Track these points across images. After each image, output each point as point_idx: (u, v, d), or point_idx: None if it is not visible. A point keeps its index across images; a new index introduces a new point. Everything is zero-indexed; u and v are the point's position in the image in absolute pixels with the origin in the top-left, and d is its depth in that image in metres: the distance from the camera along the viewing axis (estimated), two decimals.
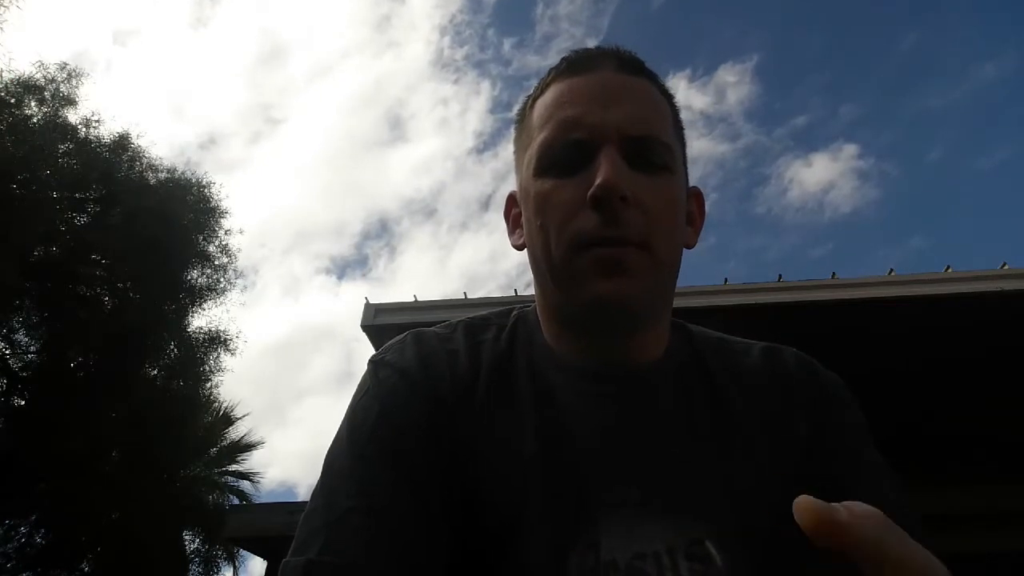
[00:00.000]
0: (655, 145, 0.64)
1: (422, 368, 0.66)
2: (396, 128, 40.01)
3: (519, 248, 0.73)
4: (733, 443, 0.63)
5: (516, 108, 0.76)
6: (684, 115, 0.73)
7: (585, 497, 0.59)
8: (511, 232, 0.75)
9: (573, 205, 0.62)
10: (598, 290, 0.61)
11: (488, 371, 0.67)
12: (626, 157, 0.62)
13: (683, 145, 0.72)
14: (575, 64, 0.68)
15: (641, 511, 0.59)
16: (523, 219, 0.70)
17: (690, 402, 0.66)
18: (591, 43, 0.73)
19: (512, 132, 0.76)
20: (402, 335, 0.71)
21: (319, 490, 0.59)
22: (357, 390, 0.67)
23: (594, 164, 0.61)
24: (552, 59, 0.73)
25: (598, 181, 0.59)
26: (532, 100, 0.71)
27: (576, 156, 0.63)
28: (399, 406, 0.63)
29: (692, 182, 0.73)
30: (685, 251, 0.70)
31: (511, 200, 0.76)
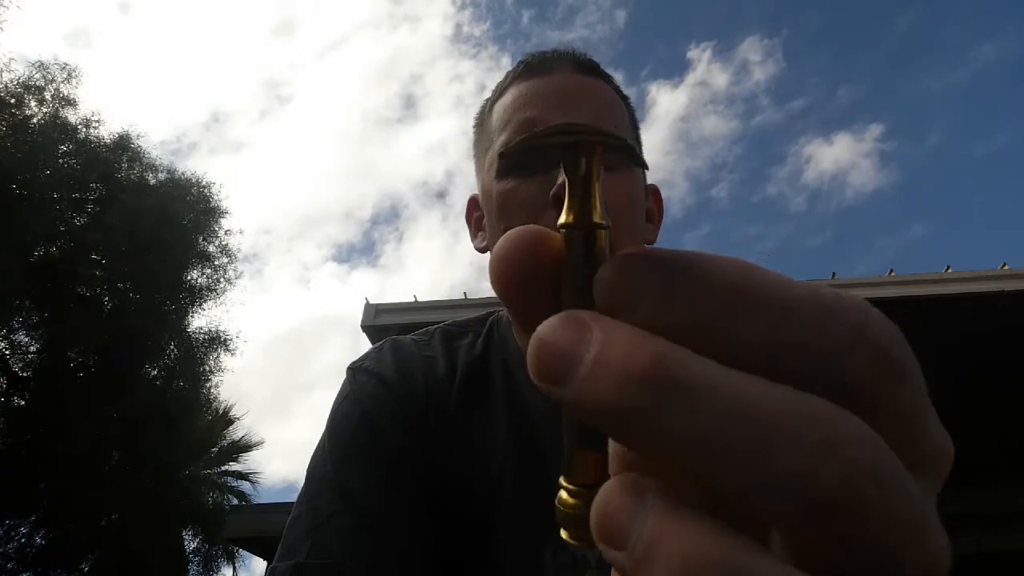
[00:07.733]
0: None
1: (400, 374, 0.67)
2: (410, 107, 39.46)
3: (483, 251, 0.73)
4: None
5: (475, 113, 0.77)
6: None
7: (556, 493, 0.59)
8: (473, 236, 0.76)
9: (536, 205, 0.62)
10: None
11: (463, 376, 0.68)
12: None
13: (639, 144, 0.73)
14: (532, 67, 0.69)
15: None
16: (485, 222, 0.71)
17: None
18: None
19: (472, 135, 0.77)
20: (380, 342, 0.73)
21: (303, 496, 0.60)
22: (337, 397, 0.68)
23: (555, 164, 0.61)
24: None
25: (560, 180, 0.60)
26: (491, 104, 0.72)
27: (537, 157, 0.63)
28: (378, 411, 0.64)
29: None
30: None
31: (472, 203, 0.76)
